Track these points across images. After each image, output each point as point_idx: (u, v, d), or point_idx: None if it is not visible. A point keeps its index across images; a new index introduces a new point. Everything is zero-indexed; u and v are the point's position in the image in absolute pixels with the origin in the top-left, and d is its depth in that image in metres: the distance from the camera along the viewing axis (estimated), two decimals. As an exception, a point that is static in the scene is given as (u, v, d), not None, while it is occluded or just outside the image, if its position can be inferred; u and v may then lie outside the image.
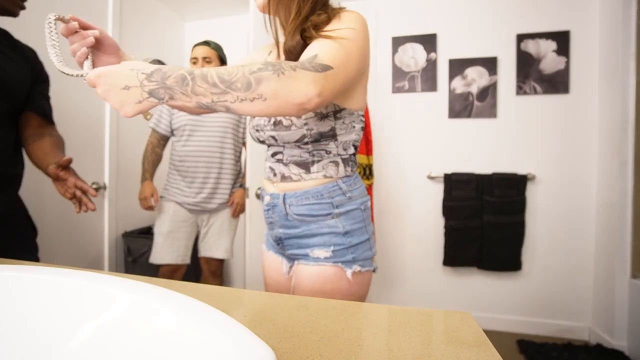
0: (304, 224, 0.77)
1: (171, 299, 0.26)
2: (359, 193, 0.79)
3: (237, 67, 0.56)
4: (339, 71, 0.61)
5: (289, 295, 0.41)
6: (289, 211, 0.77)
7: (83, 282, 0.29)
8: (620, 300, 1.79)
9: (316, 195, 0.75)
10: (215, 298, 0.40)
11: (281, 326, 0.33)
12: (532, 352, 1.82)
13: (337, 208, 0.75)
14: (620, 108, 1.80)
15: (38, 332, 0.28)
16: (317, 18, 0.68)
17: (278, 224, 0.79)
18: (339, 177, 0.76)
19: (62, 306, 0.28)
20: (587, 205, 2.03)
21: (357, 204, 0.77)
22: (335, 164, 0.76)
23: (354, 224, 0.76)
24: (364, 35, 0.68)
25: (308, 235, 0.76)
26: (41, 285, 0.30)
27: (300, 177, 0.76)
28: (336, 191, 0.75)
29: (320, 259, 0.74)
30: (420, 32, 2.24)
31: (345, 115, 0.73)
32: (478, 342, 0.31)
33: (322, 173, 0.75)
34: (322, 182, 0.76)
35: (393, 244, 2.30)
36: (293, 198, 0.76)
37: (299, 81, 0.56)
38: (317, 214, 0.75)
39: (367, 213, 0.80)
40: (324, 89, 0.58)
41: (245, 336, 0.21)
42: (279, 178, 0.78)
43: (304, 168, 0.76)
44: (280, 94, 0.56)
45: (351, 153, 0.79)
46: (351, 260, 0.74)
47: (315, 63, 0.59)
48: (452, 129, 2.20)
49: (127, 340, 0.25)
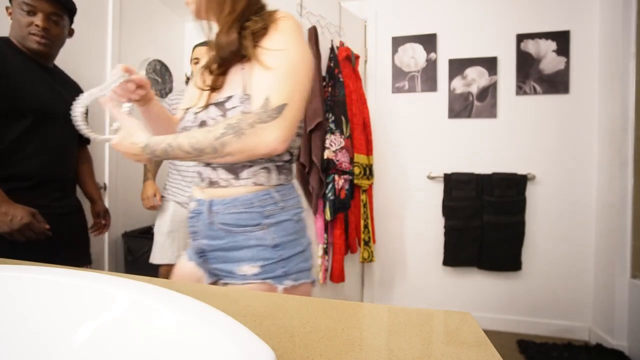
0: (229, 235, 0.70)
1: (171, 299, 0.26)
2: (293, 203, 0.74)
3: (204, 135, 0.63)
4: (293, 103, 0.63)
5: (289, 295, 0.41)
6: (214, 220, 0.71)
7: (83, 282, 0.29)
8: (620, 300, 1.79)
9: (245, 203, 0.69)
10: (215, 298, 0.40)
11: (281, 326, 0.33)
12: (532, 352, 1.82)
13: (267, 218, 0.70)
14: (620, 108, 1.80)
15: (38, 332, 0.28)
16: (254, 25, 0.67)
17: (202, 234, 0.73)
18: (271, 185, 0.72)
19: (62, 306, 0.28)
20: (587, 205, 2.03)
21: (289, 214, 0.72)
22: (267, 171, 0.71)
23: (285, 235, 0.71)
24: (302, 42, 0.67)
25: (234, 247, 0.70)
26: (41, 285, 0.30)
27: (228, 182, 0.71)
28: (267, 200, 0.70)
29: (247, 276, 0.68)
30: (420, 32, 2.24)
31: None
32: (478, 342, 0.31)
33: (252, 180, 0.70)
34: (252, 189, 0.70)
35: (393, 244, 2.30)
36: (220, 205, 0.70)
37: (261, 137, 0.62)
38: (244, 224, 0.69)
39: (301, 225, 0.75)
40: (286, 131, 0.63)
41: (246, 336, 0.21)
42: (207, 183, 0.73)
43: (233, 173, 0.71)
44: (246, 150, 0.62)
45: (285, 160, 0.74)
46: (282, 275, 0.69)
47: (270, 110, 0.61)
48: (452, 129, 2.20)
49: (127, 340, 0.25)
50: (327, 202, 1.72)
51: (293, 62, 0.64)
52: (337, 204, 1.73)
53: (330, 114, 1.74)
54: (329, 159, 1.69)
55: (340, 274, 1.79)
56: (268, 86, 0.63)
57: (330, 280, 1.81)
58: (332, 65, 1.79)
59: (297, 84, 0.64)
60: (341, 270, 1.79)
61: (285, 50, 0.64)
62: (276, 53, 0.64)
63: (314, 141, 1.66)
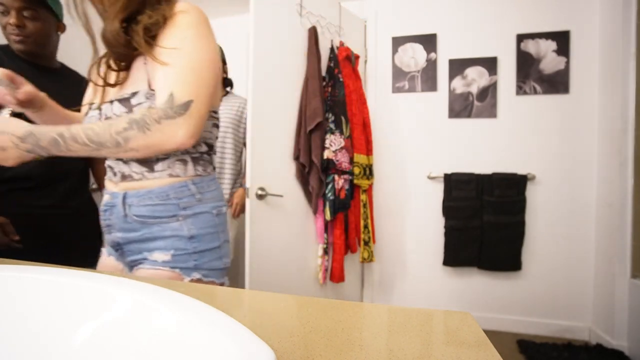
0: (145, 227, 0.69)
1: (171, 299, 0.26)
2: (212, 196, 0.73)
3: (104, 127, 0.60)
4: (200, 98, 0.62)
5: (289, 295, 0.41)
6: (128, 212, 0.69)
7: (83, 282, 0.29)
8: (620, 300, 1.79)
9: (161, 196, 0.68)
10: (215, 298, 0.40)
11: (281, 326, 0.33)
12: (532, 352, 1.82)
13: (184, 210, 0.69)
14: (620, 108, 1.80)
15: (38, 332, 0.28)
16: (147, 20, 0.63)
17: (116, 227, 0.71)
18: (187, 176, 0.70)
19: (62, 306, 0.28)
20: (587, 205, 2.03)
21: (208, 207, 0.71)
22: (183, 163, 0.70)
23: (202, 228, 0.70)
24: (205, 35, 0.64)
25: (149, 238, 0.69)
26: (41, 285, 0.30)
27: (142, 175, 0.69)
28: (184, 192, 0.69)
29: (157, 262, 0.67)
30: (420, 32, 2.24)
31: None
32: (478, 342, 0.31)
33: (168, 172, 0.69)
34: (168, 181, 0.69)
35: (393, 244, 2.30)
36: (135, 198, 0.68)
37: (167, 133, 0.60)
38: (160, 215, 0.68)
39: (221, 219, 0.73)
40: (194, 128, 0.61)
41: (246, 336, 0.21)
42: (119, 177, 0.70)
43: (147, 166, 0.68)
44: (151, 146, 0.61)
45: (203, 151, 0.73)
46: (192, 267, 0.68)
47: (176, 106, 0.60)
48: (452, 129, 2.20)
49: (127, 341, 0.25)
50: (327, 202, 1.72)
51: (194, 58, 0.62)
52: (337, 204, 1.73)
53: (330, 114, 1.74)
54: (328, 159, 1.69)
55: (340, 274, 1.79)
56: (172, 82, 0.61)
57: (330, 280, 1.81)
58: (332, 65, 1.79)
59: (202, 80, 0.63)
60: (341, 270, 1.79)
61: (182, 48, 0.62)
62: (173, 52, 0.62)
63: (313, 141, 1.66)
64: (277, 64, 1.56)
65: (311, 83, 1.67)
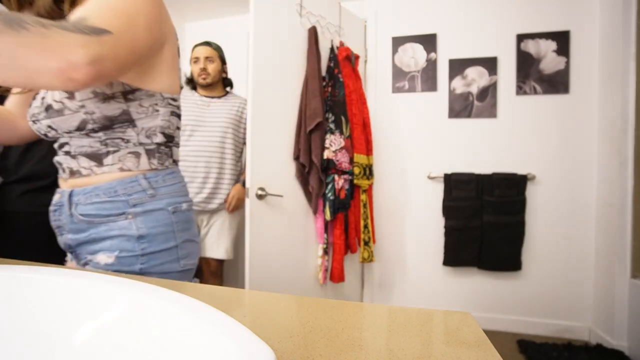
0: (92, 227, 0.63)
1: (171, 299, 0.26)
2: (168, 191, 0.66)
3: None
4: (121, 37, 0.49)
5: (289, 295, 0.41)
6: (74, 211, 0.63)
7: (83, 282, 0.29)
8: (620, 300, 1.79)
9: (109, 192, 0.62)
10: (215, 298, 0.40)
11: (281, 326, 0.33)
12: (532, 352, 1.82)
13: (134, 207, 0.62)
14: (620, 108, 1.80)
15: (38, 333, 0.28)
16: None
17: (66, 228, 0.66)
18: (140, 170, 0.64)
19: (62, 306, 0.28)
20: (587, 205, 2.03)
21: (162, 203, 0.65)
22: (136, 156, 0.63)
23: (154, 227, 0.63)
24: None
25: (96, 239, 0.63)
26: (41, 285, 0.30)
27: (91, 171, 0.63)
28: (134, 187, 0.63)
29: (99, 264, 0.61)
30: (420, 32, 2.24)
31: (142, 97, 0.62)
32: (478, 342, 0.31)
33: (118, 166, 0.63)
34: (117, 176, 0.63)
35: (393, 244, 2.30)
36: (81, 195, 0.63)
37: (55, 42, 0.42)
38: (107, 213, 0.62)
39: (180, 217, 0.67)
40: (101, 57, 0.45)
41: (246, 336, 0.21)
42: (68, 174, 0.65)
43: (96, 160, 0.62)
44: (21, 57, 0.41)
45: (159, 142, 0.66)
46: (138, 271, 0.62)
47: (83, 26, 0.45)
48: (452, 129, 2.20)
49: (127, 341, 0.25)
50: (326, 202, 1.72)
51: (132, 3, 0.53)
52: (337, 204, 1.73)
53: (330, 114, 1.74)
54: (328, 159, 1.69)
55: (340, 274, 1.79)
56: (90, 9, 0.49)
57: (330, 280, 1.81)
58: (332, 65, 1.79)
59: (134, 26, 0.52)
60: (341, 270, 1.79)
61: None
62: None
63: (313, 141, 1.66)
64: (277, 64, 1.56)
65: (311, 83, 1.67)
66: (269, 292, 0.41)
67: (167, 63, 0.65)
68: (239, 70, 2.51)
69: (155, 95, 0.64)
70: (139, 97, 0.62)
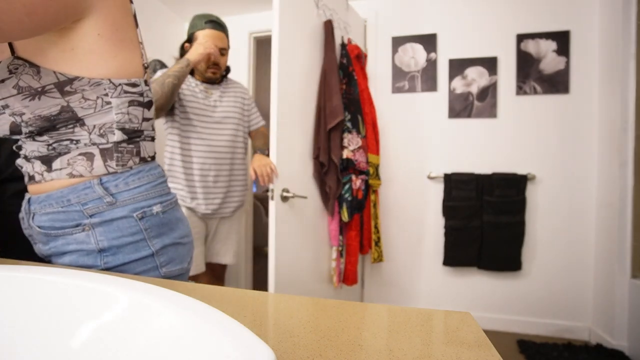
0: (50, 240, 0.56)
1: (171, 299, 0.26)
2: (132, 195, 0.56)
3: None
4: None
5: (289, 295, 0.41)
6: (31, 223, 0.57)
7: (83, 282, 0.29)
8: (620, 300, 1.79)
9: (61, 201, 0.54)
10: (216, 298, 0.40)
11: (281, 326, 0.33)
12: (532, 352, 1.82)
13: (91, 217, 0.54)
14: (620, 108, 1.80)
15: (38, 333, 0.28)
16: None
17: (35, 238, 0.59)
18: (94, 175, 0.55)
19: (62, 306, 0.28)
20: (587, 205, 2.03)
21: (126, 210, 0.55)
22: (88, 158, 0.54)
23: (118, 237, 0.55)
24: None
25: (56, 254, 0.56)
26: (41, 285, 0.30)
27: (42, 177, 0.55)
28: (89, 195, 0.54)
29: None
30: (420, 32, 2.24)
31: (84, 88, 0.51)
32: (478, 342, 0.31)
33: (67, 171, 0.54)
34: (67, 183, 0.54)
35: (393, 243, 2.30)
36: (37, 204, 0.56)
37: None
38: (61, 225, 0.55)
39: (152, 221, 0.58)
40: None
41: (245, 336, 0.21)
42: (27, 178, 0.58)
43: (46, 164, 0.55)
44: None
45: (116, 141, 0.55)
46: None
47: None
48: (452, 129, 2.20)
49: (127, 341, 0.25)
50: (343, 203, 1.66)
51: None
52: (355, 205, 1.67)
53: (346, 112, 1.67)
54: (348, 159, 1.64)
55: (354, 276, 1.75)
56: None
57: (343, 283, 1.75)
58: (345, 62, 1.73)
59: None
60: (355, 273, 1.75)
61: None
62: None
63: (333, 140, 1.59)
64: (297, 58, 1.46)
65: (329, 78, 1.58)
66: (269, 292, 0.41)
67: (111, 36, 0.51)
68: (239, 70, 2.51)
69: (101, 83, 0.51)
70: (80, 89, 0.50)
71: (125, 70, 0.54)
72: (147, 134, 0.61)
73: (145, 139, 0.61)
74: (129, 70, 0.55)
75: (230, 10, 2.50)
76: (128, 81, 0.55)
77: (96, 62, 0.50)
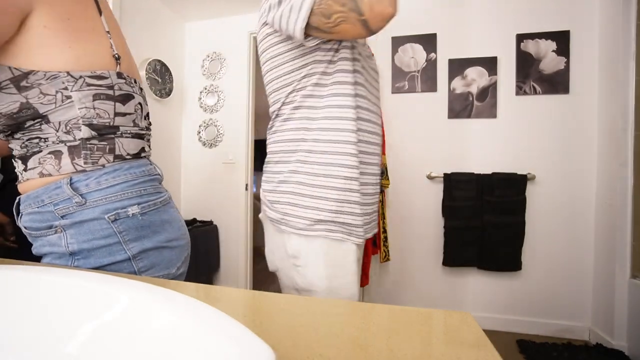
0: (34, 241, 0.56)
1: (172, 299, 0.26)
2: (104, 196, 0.54)
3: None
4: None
5: (289, 295, 0.41)
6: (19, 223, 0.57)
7: (83, 282, 0.29)
8: (620, 300, 1.79)
9: (36, 201, 0.53)
10: (216, 298, 0.40)
11: (281, 326, 0.33)
12: (532, 352, 1.82)
13: (63, 219, 0.53)
14: (620, 108, 1.80)
15: (38, 333, 0.28)
16: None
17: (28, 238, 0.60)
18: (63, 173, 0.53)
19: (62, 306, 0.28)
20: (587, 205, 2.03)
21: (97, 212, 0.53)
22: (57, 156, 0.52)
23: (89, 241, 0.53)
24: None
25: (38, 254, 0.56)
26: (41, 285, 0.30)
27: (21, 176, 0.56)
28: (59, 195, 0.52)
29: None
30: (420, 32, 2.24)
31: (40, 82, 0.48)
32: (478, 342, 0.31)
33: (38, 170, 0.53)
34: (39, 182, 0.53)
35: (392, 244, 2.30)
36: (22, 204, 0.56)
37: None
38: (37, 226, 0.54)
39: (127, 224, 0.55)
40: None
41: (246, 336, 0.21)
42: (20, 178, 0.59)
43: (25, 164, 0.55)
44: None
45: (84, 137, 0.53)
46: None
47: None
48: (452, 129, 2.20)
49: (127, 341, 0.25)
50: None
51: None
52: None
53: None
54: None
55: (366, 277, 1.75)
56: None
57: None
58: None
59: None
60: (367, 274, 1.75)
61: None
62: None
63: None
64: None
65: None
66: (269, 292, 0.41)
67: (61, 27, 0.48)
68: (239, 70, 2.51)
69: (58, 76, 0.49)
70: (37, 83, 0.48)
71: (87, 61, 0.51)
72: (126, 130, 0.57)
73: (123, 135, 0.57)
74: (92, 61, 0.51)
75: (230, 10, 2.50)
76: (92, 73, 0.51)
77: (49, 54, 0.48)
